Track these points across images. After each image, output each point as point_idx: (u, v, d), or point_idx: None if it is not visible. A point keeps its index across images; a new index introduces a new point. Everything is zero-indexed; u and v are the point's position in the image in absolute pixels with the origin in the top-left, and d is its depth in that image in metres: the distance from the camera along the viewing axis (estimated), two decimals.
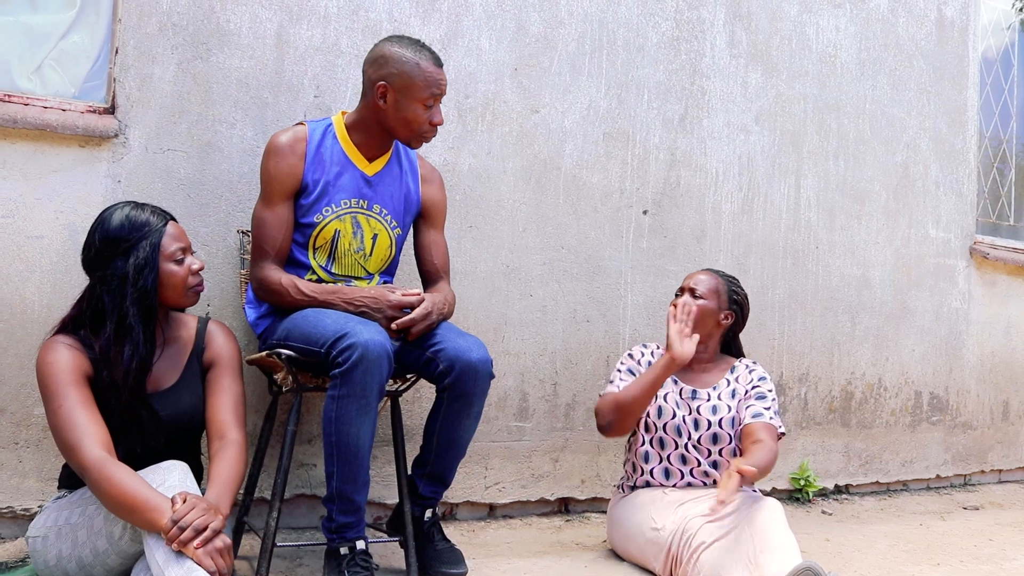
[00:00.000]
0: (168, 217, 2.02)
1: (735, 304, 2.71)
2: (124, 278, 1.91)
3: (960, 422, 4.24)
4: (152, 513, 1.69)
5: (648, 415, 2.61)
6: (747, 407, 2.60)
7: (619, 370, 2.69)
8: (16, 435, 2.37)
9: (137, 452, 1.92)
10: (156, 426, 1.95)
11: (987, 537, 3.29)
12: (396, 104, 2.31)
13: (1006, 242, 4.46)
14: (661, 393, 2.63)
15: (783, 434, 2.58)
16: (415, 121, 2.33)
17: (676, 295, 2.71)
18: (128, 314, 1.90)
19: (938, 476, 4.18)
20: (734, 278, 2.76)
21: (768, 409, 2.58)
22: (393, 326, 2.21)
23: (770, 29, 3.63)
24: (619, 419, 2.55)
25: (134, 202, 2.01)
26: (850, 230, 3.85)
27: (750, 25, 3.58)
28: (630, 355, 2.73)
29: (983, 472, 4.38)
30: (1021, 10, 4.64)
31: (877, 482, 3.97)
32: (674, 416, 2.60)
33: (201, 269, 2.04)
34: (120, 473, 1.75)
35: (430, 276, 2.52)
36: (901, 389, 4.02)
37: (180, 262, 1.99)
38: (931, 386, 4.12)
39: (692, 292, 2.65)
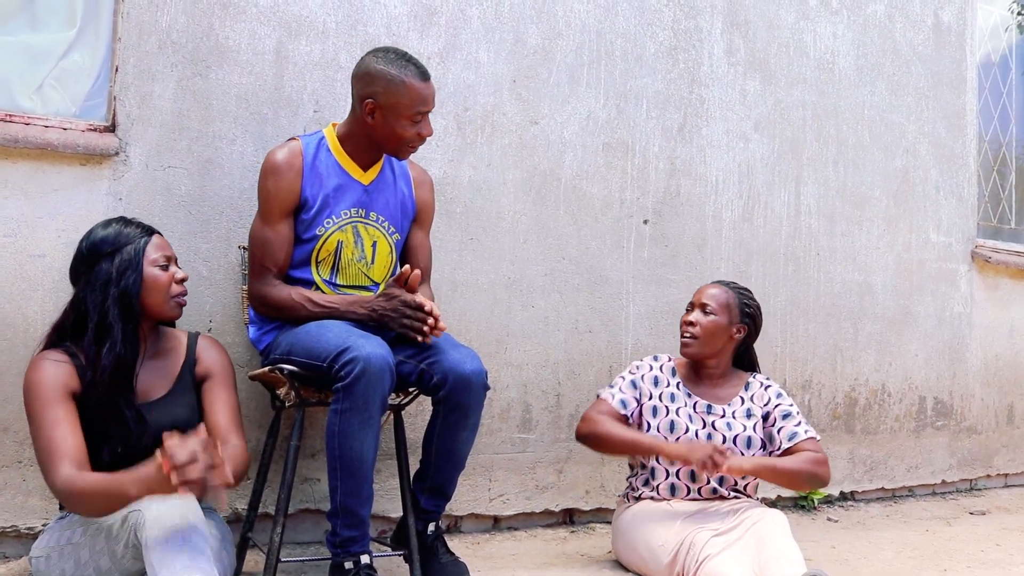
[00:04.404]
0: (155, 230, 2.07)
1: (747, 317, 2.66)
2: (108, 279, 1.96)
3: (965, 427, 4.23)
4: (125, 487, 1.69)
5: (659, 429, 2.61)
6: (779, 429, 2.61)
7: (623, 377, 2.70)
8: (20, 454, 2.38)
9: (119, 452, 1.92)
10: (142, 428, 1.95)
11: (994, 542, 3.27)
12: (384, 121, 2.31)
13: (1008, 245, 4.46)
14: (674, 407, 2.62)
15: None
16: (403, 136, 2.33)
17: (687, 309, 2.68)
18: (108, 313, 1.94)
19: (944, 481, 4.16)
20: (746, 290, 2.72)
21: (799, 425, 2.61)
22: (428, 340, 2.21)
23: (768, 37, 3.64)
24: (595, 446, 2.62)
25: (122, 217, 2.08)
26: (851, 236, 3.85)
27: (747, 33, 3.59)
28: (637, 366, 2.72)
29: (989, 476, 4.36)
30: (1019, 14, 4.65)
31: (883, 488, 3.96)
32: (687, 431, 2.59)
33: (185, 279, 2.07)
34: (86, 479, 1.77)
35: None
36: (905, 395, 4.01)
37: (164, 268, 2.03)
38: (935, 391, 4.11)
39: (703, 308, 2.62)
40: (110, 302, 1.94)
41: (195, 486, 1.60)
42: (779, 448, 2.59)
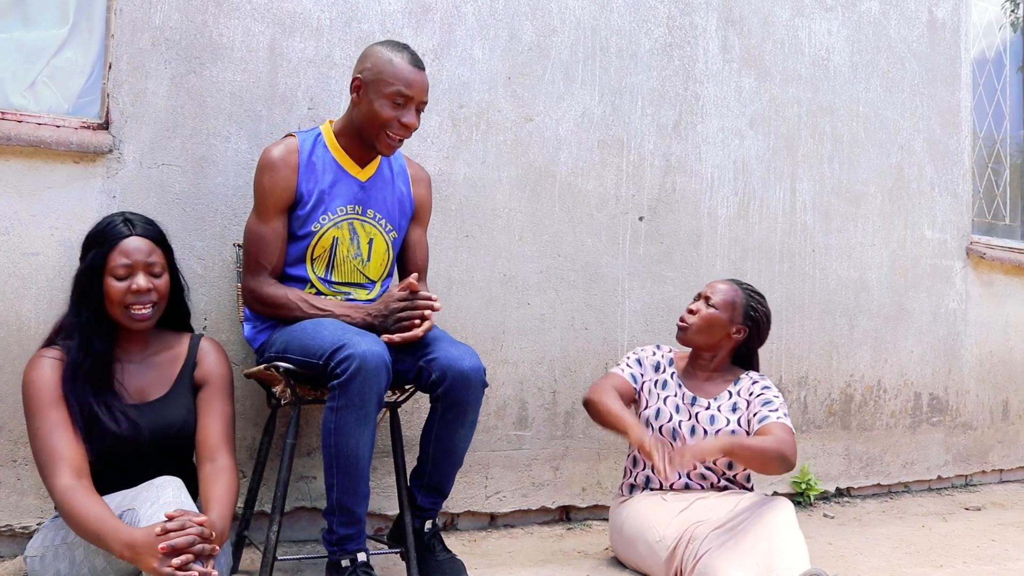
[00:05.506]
0: (136, 232, 1.98)
1: (750, 320, 2.65)
2: (78, 279, 1.99)
3: (960, 422, 4.24)
4: (109, 539, 1.70)
5: (647, 418, 2.64)
6: (754, 414, 2.59)
7: (628, 357, 2.75)
8: (14, 453, 2.36)
9: (103, 453, 1.92)
10: (136, 433, 1.95)
11: (990, 537, 3.28)
12: (366, 99, 2.30)
13: (1002, 242, 4.47)
14: (663, 395, 2.65)
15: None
16: (381, 117, 2.27)
17: (694, 298, 2.71)
18: (81, 314, 1.97)
19: (939, 477, 4.17)
20: (759, 295, 2.69)
21: (775, 411, 2.53)
22: (418, 332, 2.20)
23: (762, 34, 3.64)
24: (591, 413, 2.59)
25: (122, 213, 2.05)
26: (846, 233, 3.85)
27: (742, 30, 3.59)
28: (642, 348, 2.78)
29: (984, 472, 4.38)
30: (1012, 11, 4.66)
31: (878, 484, 3.97)
32: (670, 419, 2.62)
33: (144, 290, 1.96)
34: (83, 502, 1.77)
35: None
36: (900, 391, 4.02)
37: (121, 278, 1.96)
38: (930, 387, 4.12)
39: (707, 300, 2.65)
40: (82, 303, 1.97)
41: (181, 552, 1.65)
42: (751, 430, 2.57)
